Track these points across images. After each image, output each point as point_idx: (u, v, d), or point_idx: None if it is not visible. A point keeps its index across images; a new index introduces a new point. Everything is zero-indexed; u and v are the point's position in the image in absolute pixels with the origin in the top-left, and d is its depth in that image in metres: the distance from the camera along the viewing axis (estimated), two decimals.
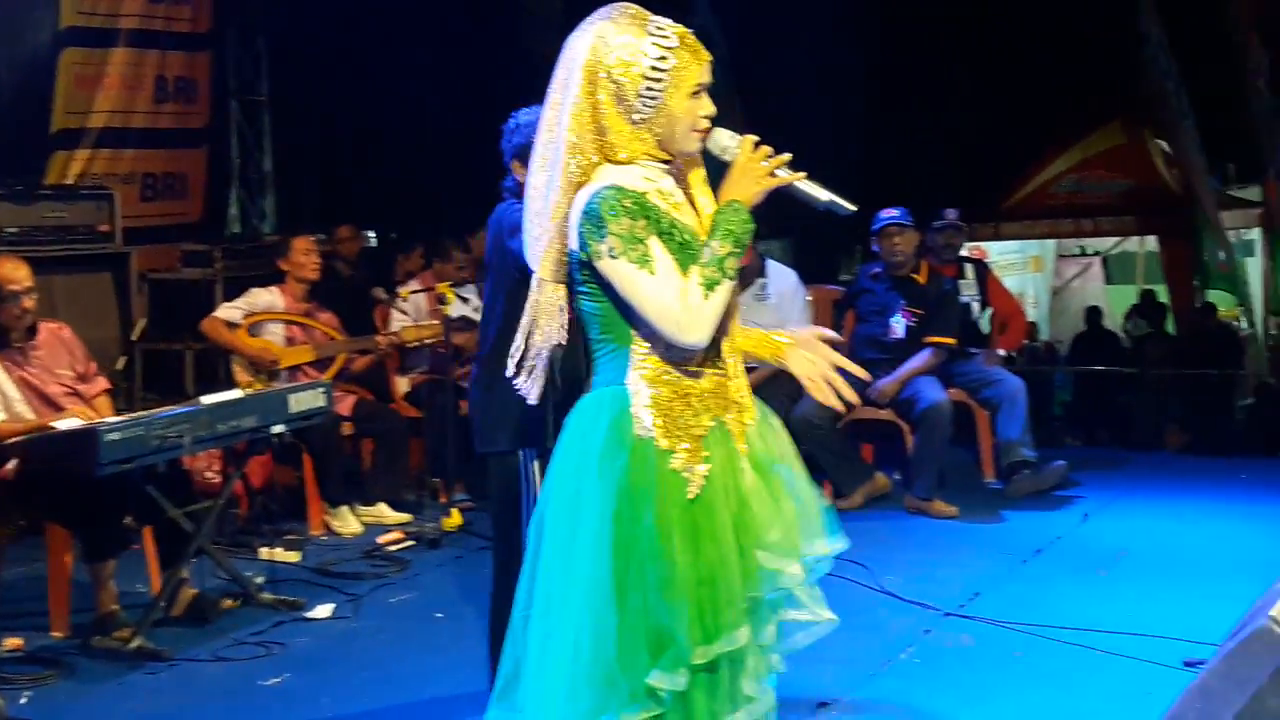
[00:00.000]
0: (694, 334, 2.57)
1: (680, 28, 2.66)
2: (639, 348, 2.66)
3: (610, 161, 2.65)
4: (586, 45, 2.64)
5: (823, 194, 2.68)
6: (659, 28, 2.64)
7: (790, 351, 2.92)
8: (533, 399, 2.76)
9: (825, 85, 11.84)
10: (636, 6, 2.68)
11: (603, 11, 2.67)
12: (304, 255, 6.69)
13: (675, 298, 2.55)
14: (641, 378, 2.65)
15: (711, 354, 2.70)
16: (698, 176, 2.76)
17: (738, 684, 2.67)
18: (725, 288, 2.58)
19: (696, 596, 2.58)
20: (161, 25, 8.97)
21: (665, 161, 2.71)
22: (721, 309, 2.60)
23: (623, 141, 2.64)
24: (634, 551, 2.58)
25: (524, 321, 2.74)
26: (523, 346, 2.74)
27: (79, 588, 5.08)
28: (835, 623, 2.83)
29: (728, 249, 2.59)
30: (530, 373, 2.75)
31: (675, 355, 2.65)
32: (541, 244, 2.68)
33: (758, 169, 2.63)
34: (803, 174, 2.67)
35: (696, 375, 2.68)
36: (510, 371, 2.76)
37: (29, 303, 5.20)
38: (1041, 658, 4.65)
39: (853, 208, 2.67)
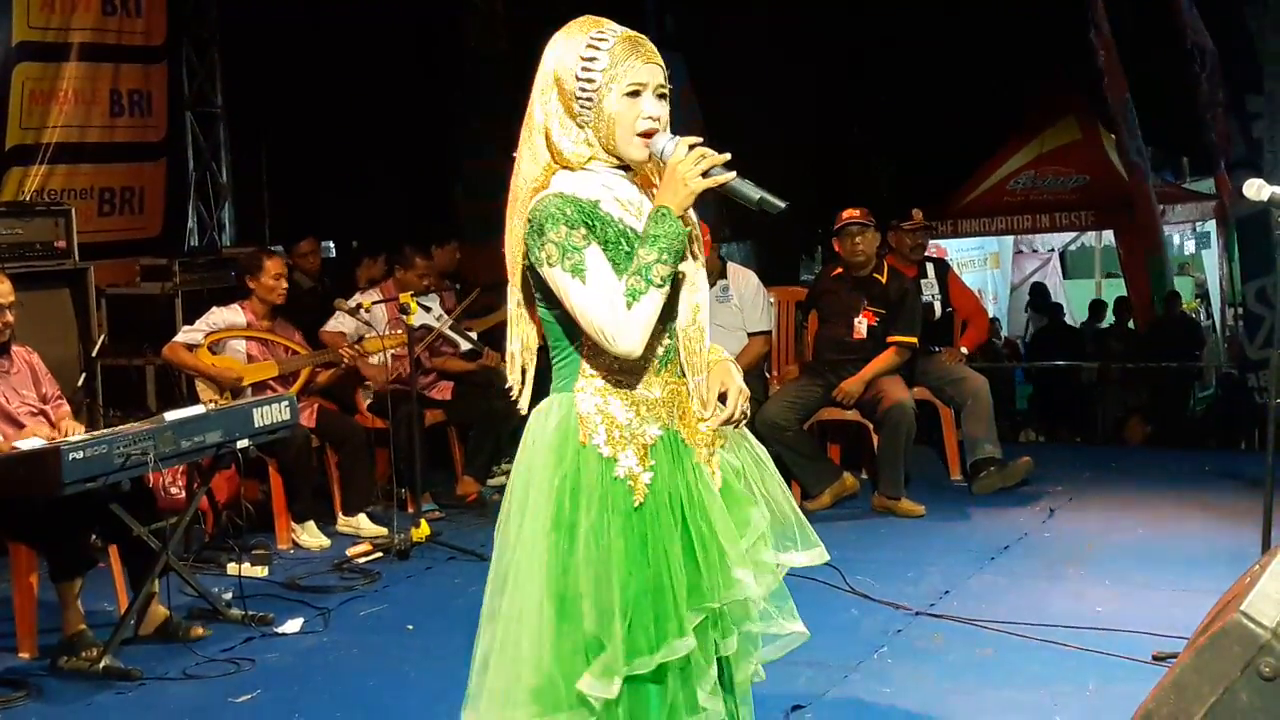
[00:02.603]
0: (621, 343, 2.57)
1: (627, 31, 2.65)
2: (588, 355, 2.68)
3: (565, 168, 2.66)
4: (545, 56, 2.67)
5: (754, 192, 2.63)
6: (600, 31, 2.64)
7: (713, 366, 2.80)
8: (523, 408, 2.79)
9: (784, 88, 11.89)
10: (594, 16, 2.68)
11: (569, 24, 2.69)
12: (273, 279, 6.63)
13: (605, 307, 2.55)
14: (589, 385, 2.68)
15: (666, 363, 2.70)
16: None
17: (692, 694, 2.64)
18: (652, 296, 2.56)
19: (639, 606, 2.58)
20: (115, 39, 8.90)
21: (624, 168, 2.70)
22: (650, 317, 2.58)
23: (570, 145, 2.66)
24: (572, 558, 2.60)
25: (509, 333, 2.79)
26: (513, 356, 2.80)
27: (46, 608, 5.03)
28: (806, 637, 2.83)
29: (654, 257, 2.56)
30: (520, 379, 2.80)
31: (624, 363, 2.66)
32: (509, 250, 2.71)
33: (689, 171, 2.58)
34: (733, 173, 2.61)
35: (647, 384, 2.69)
36: (512, 383, 2.80)
37: (10, 316, 5.20)
38: (1012, 655, 4.68)
39: (783, 204, 2.62)
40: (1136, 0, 11.77)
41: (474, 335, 7.34)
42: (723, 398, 2.72)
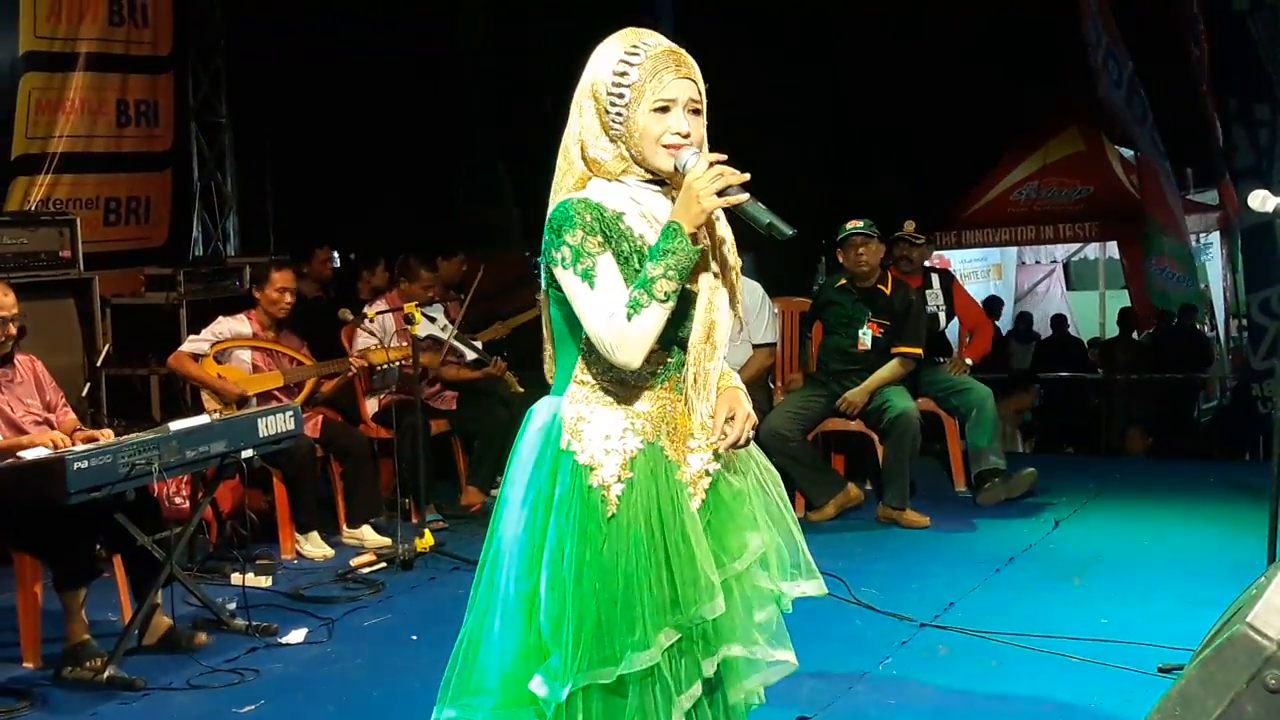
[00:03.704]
0: (620, 354, 2.57)
1: (665, 45, 2.64)
2: (583, 361, 2.69)
3: (598, 176, 2.67)
4: (587, 65, 2.69)
5: (765, 216, 2.62)
6: (634, 45, 2.63)
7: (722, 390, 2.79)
8: None
9: (790, 98, 11.90)
10: (638, 29, 2.68)
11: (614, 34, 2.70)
12: (277, 292, 6.63)
13: (605, 316, 2.56)
14: (579, 390, 2.69)
15: (664, 379, 2.70)
16: None
17: (668, 711, 2.62)
18: (654, 310, 2.55)
19: (603, 616, 2.58)
20: (122, 49, 8.93)
21: (657, 182, 2.69)
22: (650, 331, 2.57)
23: (604, 156, 2.67)
24: (538, 559, 2.62)
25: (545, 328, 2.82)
26: (551, 355, 2.81)
27: (50, 617, 5.03)
28: (794, 668, 2.81)
29: (659, 272, 2.55)
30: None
31: (619, 372, 2.65)
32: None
33: (704, 189, 2.56)
34: (746, 195, 2.60)
35: (637, 395, 2.69)
36: (547, 375, 2.83)
37: (13, 328, 5.22)
38: (1017, 666, 4.67)
39: (791, 231, 2.61)
40: (1138, 11, 11.78)
41: (479, 345, 7.34)
42: (730, 421, 2.70)
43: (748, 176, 2.60)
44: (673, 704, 2.62)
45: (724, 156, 2.61)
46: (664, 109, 2.62)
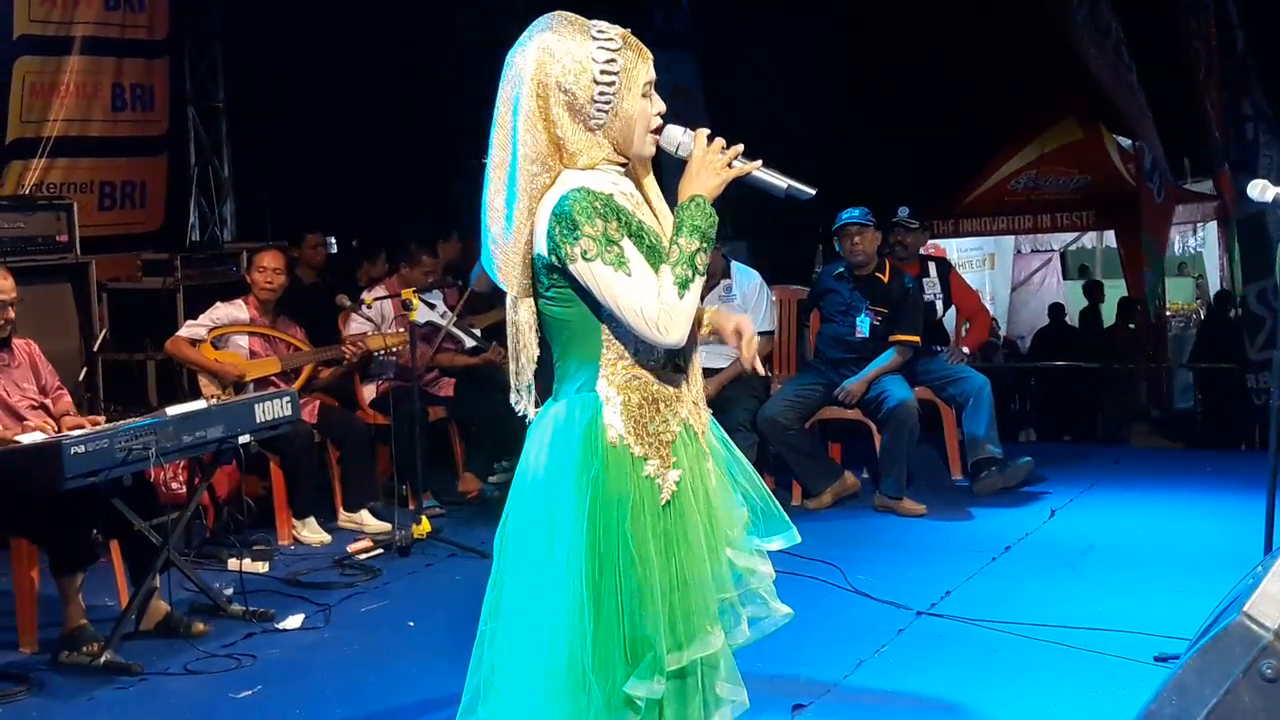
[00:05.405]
0: (673, 333, 2.56)
1: (620, 29, 2.65)
2: (608, 354, 2.65)
3: (572, 169, 2.65)
4: (532, 59, 2.61)
5: (781, 180, 2.66)
6: (600, 31, 2.62)
7: (713, 316, 2.91)
8: (532, 414, 2.76)
9: (787, 87, 11.89)
10: (573, 14, 2.67)
11: (541, 22, 2.65)
12: (258, 273, 6.64)
13: (652, 298, 2.54)
14: (611, 384, 2.65)
15: (678, 356, 2.70)
16: (649, 179, 2.76)
17: (711, 687, 2.67)
18: (698, 284, 2.58)
19: (669, 603, 2.58)
20: (118, 33, 8.87)
21: (622, 165, 2.70)
22: (696, 306, 2.59)
23: (582, 149, 2.63)
24: (609, 560, 2.58)
25: (510, 343, 2.75)
26: (515, 368, 2.75)
27: (47, 602, 5.03)
28: (791, 616, 2.83)
29: (696, 245, 2.58)
30: (527, 391, 2.76)
31: (644, 360, 2.64)
32: (509, 263, 2.67)
33: (715, 161, 2.62)
34: (759, 161, 2.65)
35: (665, 379, 2.68)
36: (514, 396, 2.77)
37: (11, 313, 5.21)
38: (1014, 655, 4.68)
39: (812, 191, 2.65)
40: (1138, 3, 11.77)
41: (477, 331, 7.33)
42: (739, 336, 2.80)
43: (742, 147, 2.65)
44: (713, 678, 2.66)
45: (709, 131, 2.65)
46: (646, 92, 2.64)
